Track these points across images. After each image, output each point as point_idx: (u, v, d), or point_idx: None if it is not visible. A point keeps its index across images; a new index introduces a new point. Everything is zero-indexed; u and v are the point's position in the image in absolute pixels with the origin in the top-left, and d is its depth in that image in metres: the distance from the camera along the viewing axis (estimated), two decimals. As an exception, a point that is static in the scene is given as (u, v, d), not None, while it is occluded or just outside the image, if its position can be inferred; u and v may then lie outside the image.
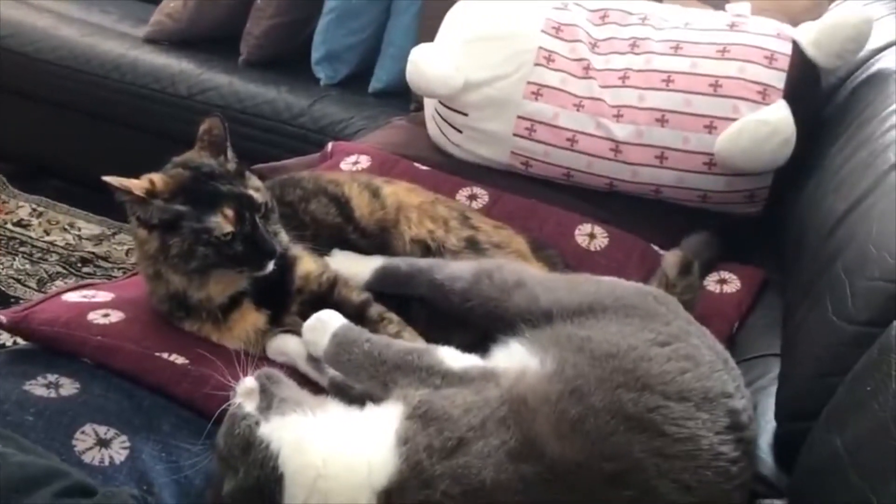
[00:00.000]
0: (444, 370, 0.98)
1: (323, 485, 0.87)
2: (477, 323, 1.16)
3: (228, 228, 1.10)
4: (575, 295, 1.09)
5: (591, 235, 1.52)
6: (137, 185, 1.11)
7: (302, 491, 0.87)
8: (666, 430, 0.89)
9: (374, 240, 1.34)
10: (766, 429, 1.08)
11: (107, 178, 1.09)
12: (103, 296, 1.25)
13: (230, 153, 1.19)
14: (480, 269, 1.18)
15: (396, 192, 1.40)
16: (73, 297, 1.23)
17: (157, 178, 1.13)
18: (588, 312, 1.05)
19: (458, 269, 1.20)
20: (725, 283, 1.44)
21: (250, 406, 0.93)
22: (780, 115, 1.50)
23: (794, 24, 1.65)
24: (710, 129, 1.55)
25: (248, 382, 0.96)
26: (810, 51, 1.57)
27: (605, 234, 1.52)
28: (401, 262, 1.26)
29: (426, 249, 1.32)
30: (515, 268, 1.20)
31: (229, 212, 1.11)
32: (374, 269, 1.26)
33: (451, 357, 1.01)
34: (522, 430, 0.89)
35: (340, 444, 0.90)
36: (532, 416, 0.90)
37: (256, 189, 1.17)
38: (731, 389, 0.97)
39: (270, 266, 1.15)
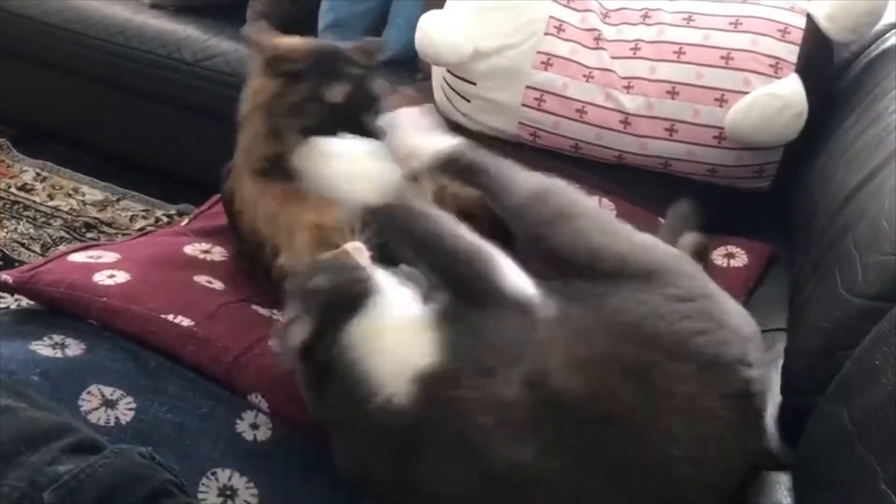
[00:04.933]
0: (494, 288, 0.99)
1: (378, 343, 0.94)
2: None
3: (338, 99, 1.19)
4: (613, 248, 1.06)
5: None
6: (270, 43, 1.24)
7: (368, 329, 0.95)
8: (661, 386, 0.90)
9: None
10: (771, 403, 1.08)
11: (244, 31, 1.28)
12: (109, 256, 1.25)
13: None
14: (538, 189, 1.12)
15: None
16: (79, 257, 1.23)
17: (294, 41, 1.26)
18: (623, 271, 1.03)
19: (520, 181, 1.13)
20: (733, 257, 1.43)
21: (364, 259, 1.00)
22: (791, 88, 1.48)
23: (809, -3, 1.63)
24: (721, 102, 1.53)
25: (358, 244, 1.02)
26: (824, 24, 1.55)
27: (613, 207, 1.51)
28: (471, 153, 1.18)
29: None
30: (571, 197, 1.14)
31: (346, 87, 1.20)
32: (447, 148, 1.17)
33: (506, 272, 1.01)
34: (538, 362, 0.92)
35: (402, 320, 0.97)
36: (549, 351, 0.93)
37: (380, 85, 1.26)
38: (750, 359, 0.96)
39: None
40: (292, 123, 1.20)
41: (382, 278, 0.99)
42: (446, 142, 1.18)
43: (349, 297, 0.95)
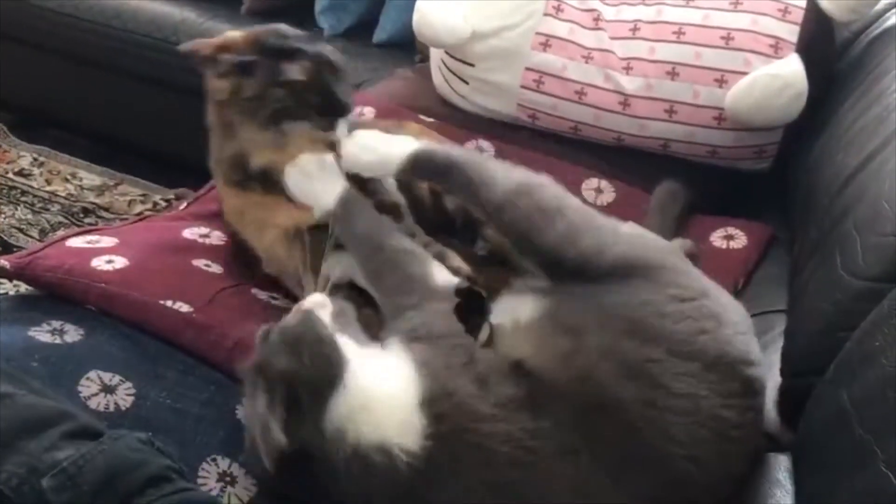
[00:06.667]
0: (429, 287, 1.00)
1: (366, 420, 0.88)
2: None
3: (301, 76, 1.14)
4: (611, 247, 1.04)
5: (598, 190, 1.51)
6: (207, 44, 1.17)
7: (345, 408, 0.88)
8: (662, 383, 0.90)
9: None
10: (771, 384, 1.08)
11: (180, 47, 1.20)
12: (107, 241, 1.24)
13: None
14: (523, 182, 1.08)
15: None
16: (77, 242, 1.23)
17: (232, 34, 1.19)
18: (621, 272, 1.01)
19: (500, 175, 1.08)
20: (732, 239, 1.43)
21: (325, 316, 0.93)
22: (792, 68, 1.47)
23: (810, -24, 1.62)
24: (721, 82, 1.52)
25: (319, 298, 0.97)
26: (825, 4, 1.53)
27: (612, 189, 1.51)
28: (437, 150, 1.14)
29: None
30: (558, 192, 1.10)
31: (306, 63, 1.15)
32: (407, 154, 1.11)
33: (439, 272, 1.03)
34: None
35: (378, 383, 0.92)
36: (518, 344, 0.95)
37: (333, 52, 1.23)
38: (753, 357, 0.96)
39: (342, 128, 1.16)
40: (259, 114, 1.15)
41: (348, 344, 0.93)
42: (413, 145, 1.13)
43: (316, 380, 0.88)
